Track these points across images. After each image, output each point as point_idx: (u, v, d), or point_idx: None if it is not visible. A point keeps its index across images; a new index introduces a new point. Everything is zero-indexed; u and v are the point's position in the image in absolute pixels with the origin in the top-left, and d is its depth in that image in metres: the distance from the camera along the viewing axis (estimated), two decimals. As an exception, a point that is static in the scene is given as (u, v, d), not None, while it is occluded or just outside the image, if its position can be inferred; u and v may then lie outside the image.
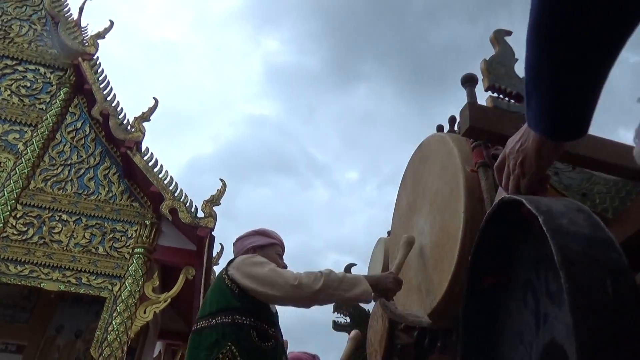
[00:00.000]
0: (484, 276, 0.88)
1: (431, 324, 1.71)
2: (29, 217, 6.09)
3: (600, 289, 0.53)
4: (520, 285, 0.81)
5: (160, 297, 6.00)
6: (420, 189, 1.97)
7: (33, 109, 6.84)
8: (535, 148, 0.71)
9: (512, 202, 0.73)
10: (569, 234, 0.58)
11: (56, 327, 6.77)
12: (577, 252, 0.56)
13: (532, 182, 0.75)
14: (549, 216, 0.60)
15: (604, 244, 0.57)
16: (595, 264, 0.55)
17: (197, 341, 1.71)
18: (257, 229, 2.13)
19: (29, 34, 7.46)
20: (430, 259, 1.78)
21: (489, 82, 1.41)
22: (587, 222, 0.60)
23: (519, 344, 0.80)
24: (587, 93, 0.61)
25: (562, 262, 0.55)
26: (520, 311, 0.80)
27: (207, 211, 6.32)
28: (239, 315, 1.69)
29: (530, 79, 0.65)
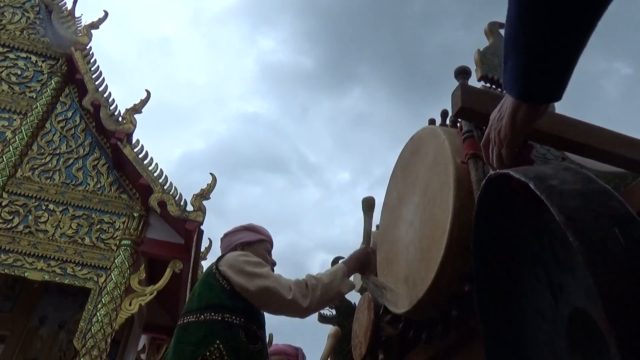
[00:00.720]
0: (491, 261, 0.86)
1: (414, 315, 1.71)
2: (15, 206, 6.02)
3: (612, 239, 0.51)
4: (527, 262, 0.79)
5: (146, 290, 5.95)
6: (411, 181, 1.97)
7: (23, 97, 6.76)
8: (511, 112, 0.71)
9: (499, 177, 0.73)
10: (563, 192, 0.56)
11: (39, 317, 6.68)
12: (577, 208, 0.54)
13: (512, 151, 0.75)
14: (539, 180, 0.59)
15: (600, 195, 0.56)
16: (599, 215, 0.53)
17: (183, 336, 1.67)
18: (245, 224, 2.10)
19: (21, 21, 7.37)
20: (418, 250, 1.78)
21: (482, 72, 1.41)
22: (577, 177, 0.59)
23: (542, 321, 0.77)
24: (564, 55, 0.61)
25: (566, 222, 0.52)
26: (534, 288, 0.78)
27: (197, 205, 6.29)
28: (229, 314, 1.65)
29: (508, 39, 0.64)
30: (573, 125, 0.99)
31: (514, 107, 0.70)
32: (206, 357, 1.56)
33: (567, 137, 0.96)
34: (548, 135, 0.97)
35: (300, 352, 2.65)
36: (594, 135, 0.99)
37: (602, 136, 1.00)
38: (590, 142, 0.98)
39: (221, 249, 2.05)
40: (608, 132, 1.02)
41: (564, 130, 0.96)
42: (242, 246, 1.97)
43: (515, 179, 0.66)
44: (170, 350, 1.72)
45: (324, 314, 2.68)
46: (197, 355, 1.57)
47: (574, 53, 0.60)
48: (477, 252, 0.83)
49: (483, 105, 0.98)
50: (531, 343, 0.79)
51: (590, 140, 0.98)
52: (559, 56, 0.61)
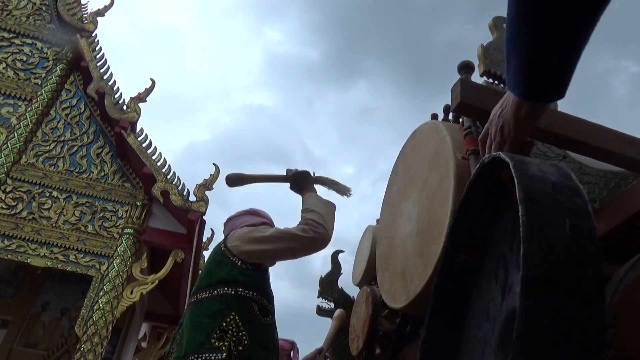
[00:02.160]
0: (460, 252, 0.86)
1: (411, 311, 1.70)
2: (19, 192, 6.04)
3: (558, 226, 0.52)
4: (494, 262, 0.79)
5: (148, 279, 5.98)
6: (411, 175, 1.96)
7: (28, 84, 6.76)
8: (514, 111, 0.70)
9: (492, 160, 0.71)
10: (536, 177, 0.58)
11: (42, 303, 6.74)
12: (540, 193, 0.55)
13: (514, 149, 0.74)
14: (520, 163, 0.59)
15: (569, 190, 0.57)
16: (558, 205, 0.54)
17: (197, 310, 1.70)
18: (247, 209, 2.15)
19: (27, 7, 7.35)
20: (417, 245, 1.77)
21: (485, 67, 1.39)
22: (558, 172, 0.60)
23: (484, 321, 0.78)
24: (566, 54, 0.60)
25: (522, 198, 0.54)
26: (490, 287, 0.78)
27: (199, 195, 6.29)
28: (241, 289, 1.70)
29: (511, 37, 0.63)
30: (574, 123, 0.97)
31: (517, 105, 0.70)
32: (223, 328, 1.61)
33: (567, 135, 0.95)
34: (549, 133, 0.96)
35: (295, 346, 2.66)
36: (594, 133, 0.97)
37: (603, 135, 0.98)
38: (591, 140, 0.96)
39: (224, 232, 2.07)
40: (609, 131, 1.01)
41: (565, 128, 0.95)
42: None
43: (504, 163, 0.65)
44: (186, 326, 1.72)
45: (322, 307, 2.69)
46: (214, 326, 1.61)
47: (576, 51, 0.59)
48: (451, 240, 0.83)
49: (482, 101, 0.97)
50: (468, 340, 0.80)
51: (591, 139, 0.96)
52: (560, 55, 0.60)
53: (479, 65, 1.47)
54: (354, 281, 2.60)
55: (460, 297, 0.86)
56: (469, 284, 0.85)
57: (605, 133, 0.98)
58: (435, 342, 0.85)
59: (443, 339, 0.85)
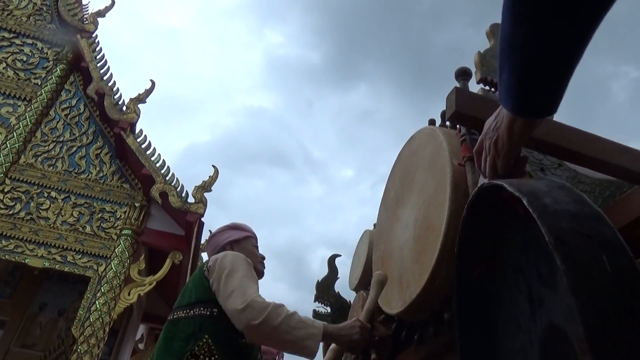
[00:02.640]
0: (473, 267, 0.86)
1: (407, 316, 1.70)
2: (17, 192, 6.04)
3: (598, 265, 0.51)
4: (510, 272, 0.79)
5: (146, 280, 5.97)
6: (408, 181, 1.96)
7: (28, 84, 6.77)
8: (507, 126, 0.70)
9: (491, 187, 0.72)
10: (555, 212, 0.56)
11: (39, 304, 6.74)
12: (567, 231, 0.53)
13: (508, 163, 0.74)
14: (533, 197, 0.58)
15: (592, 219, 0.56)
16: (588, 240, 0.53)
17: (172, 331, 1.65)
18: (229, 224, 2.11)
19: (28, 7, 7.37)
20: (413, 251, 1.77)
21: (482, 74, 1.39)
22: (571, 198, 0.59)
23: (517, 331, 0.78)
24: (558, 71, 0.60)
25: (555, 244, 0.52)
26: (513, 298, 0.78)
27: (198, 197, 6.29)
28: (217, 308, 1.64)
29: (503, 51, 0.63)
30: (568, 133, 0.97)
31: (511, 120, 0.70)
32: (195, 352, 1.55)
33: (562, 145, 0.95)
34: (544, 142, 0.96)
35: (281, 352, 2.65)
36: (589, 144, 0.97)
37: (598, 145, 0.98)
38: (585, 150, 0.96)
39: (208, 249, 2.04)
40: (604, 141, 1.01)
41: (560, 138, 0.95)
42: (231, 245, 1.97)
43: (508, 192, 0.65)
44: (158, 346, 1.68)
45: (319, 311, 2.68)
46: (185, 350, 1.56)
47: (568, 68, 0.59)
48: (461, 257, 0.83)
49: (477, 110, 0.97)
50: (504, 350, 0.80)
51: (585, 149, 0.96)
52: (552, 72, 0.60)
53: (476, 72, 1.47)
54: (351, 286, 2.60)
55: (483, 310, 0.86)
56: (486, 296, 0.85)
57: (600, 143, 0.98)
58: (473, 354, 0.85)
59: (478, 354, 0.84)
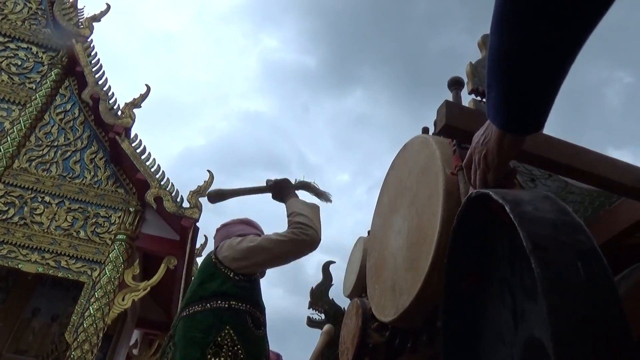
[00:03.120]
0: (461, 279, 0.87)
1: (400, 324, 1.71)
2: (11, 197, 6.01)
3: (573, 271, 0.52)
4: (497, 284, 0.80)
5: (140, 286, 5.94)
6: (401, 189, 1.97)
7: (22, 88, 6.75)
8: (497, 141, 0.72)
9: (479, 197, 0.73)
10: (535, 219, 0.58)
11: (32, 309, 6.68)
12: (545, 237, 0.55)
13: (498, 176, 0.76)
14: (515, 204, 0.60)
15: (570, 227, 0.57)
16: (565, 247, 0.54)
17: (190, 324, 1.68)
18: (241, 218, 2.15)
19: (23, 11, 7.35)
20: (406, 259, 1.78)
21: (473, 85, 1.41)
22: (553, 207, 0.60)
23: (500, 344, 0.78)
24: (544, 89, 0.61)
25: (532, 249, 0.54)
26: (498, 310, 0.79)
27: (193, 202, 6.28)
28: (235, 302, 1.69)
29: (491, 70, 0.65)
30: (557, 146, 0.99)
31: (500, 136, 0.71)
32: (218, 343, 1.60)
33: (551, 158, 0.96)
34: (533, 155, 0.97)
35: (280, 358, 2.66)
36: (576, 156, 0.99)
37: (585, 158, 1.00)
38: (574, 163, 0.98)
39: (216, 240, 2.06)
40: (591, 154, 1.02)
41: (548, 151, 0.97)
42: None
43: (494, 200, 0.66)
44: (179, 341, 1.69)
45: (313, 318, 2.68)
46: (208, 341, 1.60)
47: (554, 86, 0.61)
48: (450, 268, 0.84)
49: (467, 124, 0.98)
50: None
51: (574, 162, 0.98)
52: (539, 89, 0.62)
53: (468, 83, 1.49)
54: (345, 292, 2.60)
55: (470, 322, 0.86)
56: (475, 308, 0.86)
57: (588, 155, 1.00)
58: None
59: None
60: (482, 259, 0.81)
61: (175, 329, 1.76)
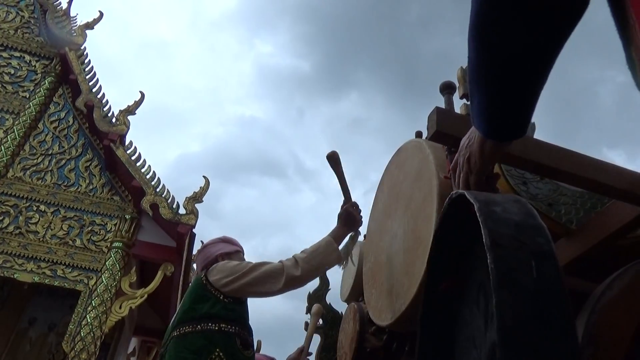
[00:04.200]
0: (441, 280, 0.88)
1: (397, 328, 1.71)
2: (5, 206, 5.98)
3: (525, 270, 0.54)
4: (474, 288, 0.81)
5: (137, 293, 5.92)
6: (396, 193, 1.98)
7: (16, 97, 6.73)
8: (479, 146, 0.74)
9: (459, 197, 0.74)
10: (500, 219, 0.60)
11: (29, 319, 6.64)
12: (505, 236, 0.57)
13: (480, 179, 0.77)
14: (484, 204, 0.61)
15: (532, 229, 0.59)
16: (523, 247, 0.56)
17: (181, 345, 1.74)
18: (221, 237, 2.23)
19: (15, 20, 7.34)
20: (402, 263, 1.79)
21: (464, 90, 1.42)
22: (521, 210, 0.62)
23: (472, 347, 0.80)
24: (523, 96, 0.63)
25: (490, 245, 0.56)
26: (473, 315, 0.80)
27: (189, 208, 6.27)
28: (225, 324, 1.76)
29: (472, 80, 0.66)
30: (546, 149, 1.00)
31: (481, 141, 0.73)
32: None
33: (540, 162, 0.98)
34: (522, 159, 0.98)
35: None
36: (566, 159, 1.00)
37: (574, 161, 1.01)
38: (563, 166, 0.99)
39: (198, 260, 2.12)
40: (580, 157, 1.04)
41: (537, 154, 0.98)
42: (222, 257, 2.05)
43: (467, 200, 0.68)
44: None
45: (310, 322, 2.69)
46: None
47: (534, 93, 0.62)
48: (431, 269, 0.85)
49: (458, 130, 1.00)
50: None
51: (563, 165, 0.99)
52: (518, 97, 0.63)
53: (459, 87, 1.50)
54: (342, 297, 2.61)
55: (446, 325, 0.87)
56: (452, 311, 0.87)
57: (577, 158, 1.01)
58: None
59: None
60: (462, 262, 0.82)
61: (166, 349, 1.81)
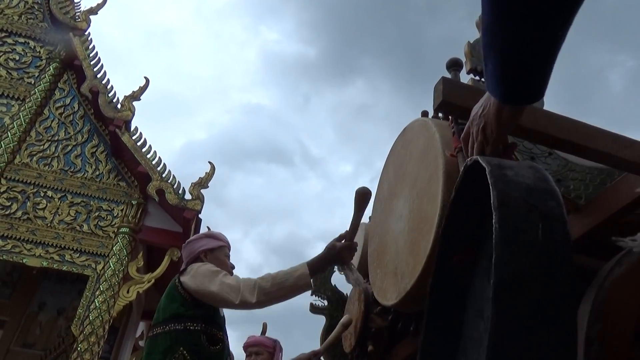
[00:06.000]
0: (453, 253, 0.86)
1: (402, 308, 1.71)
2: (13, 192, 6.02)
3: (531, 231, 0.52)
4: (486, 261, 0.79)
5: (144, 278, 5.98)
6: (401, 173, 1.96)
7: (21, 83, 6.73)
8: (495, 112, 0.70)
9: (474, 163, 0.72)
10: (511, 182, 0.58)
11: (38, 303, 6.73)
12: (515, 198, 0.55)
13: (496, 149, 0.74)
14: (497, 168, 0.59)
15: (544, 193, 0.57)
16: (532, 209, 0.54)
17: (152, 346, 1.87)
18: (206, 232, 2.30)
19: (19, 6, 7.31)
20: (407, 242, 1.78)
21: (471, 64, 1.40)
22: (534, 175, 0.59)
23: (480, 320, 0.78)
24: (543, 55, 0.60)
25: (497, 206, 0.54)
26: (484, 287, 0.79)
27: (195, 194, 6.29)
28: (190, 322, 1.85)
29: (487, 41, 0.63)
30: (557, 121, 0.98)
31: (498, 107, 0.70)
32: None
33: (549, 133, 0.95)
34: (532, 131, 0.96)
35: (278, 344, 2.68)
36: (577, 131, 0.98)
37: (586, 132, 0.98)
38: (574, 138, 0.96)
39: (183, 256, 2.17)
40: (592, 128, 1.01)
41: (548, 126, 0.95)
42: (205, 253, 2.09)
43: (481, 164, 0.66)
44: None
45: (316, 304, 2.69)
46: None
47: (552, 52, 0.60)
48: (444, 240, 0.84)
49: (465, 100, 0.97)
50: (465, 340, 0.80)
51: (574, 137, 0.96)
52: (537, 57, 0.60)
53: (466, 62, 1.47)
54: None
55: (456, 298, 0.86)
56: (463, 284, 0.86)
57: (589, 130, 0.99)
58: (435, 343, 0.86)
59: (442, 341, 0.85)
60: (476, 234, 0.80)
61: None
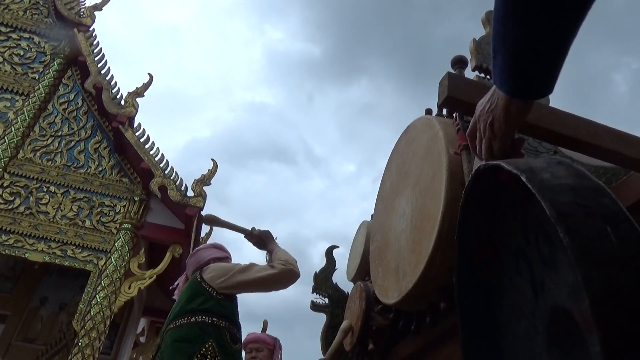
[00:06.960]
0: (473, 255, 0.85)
1: (403, 306, 1.69)
2: (16, 187, 6.04)
3: (604, 238, 0.48)
4: (511, 257, 0.77)
5: (146, 274, 5.98)
6: (404, 171, 1.95)
7: (25, 78, 6.74)
8: (504, 107, 0.69)
9: (489, 168, 0.70)
10: (554, 187, 0.54)
11: (40, 298, 6.76)
12: (568, 204, 0.51)
13: (505, 144, 0.73)
14: (531, 173, 0.56)
15: (592, 191, 0.53)
16: (591, 213, 0.50)
17: (177, 335, 1.89)
18: (213, 243, 2.42)
19: (24, 1, 7.33)
20: (409, 241, 1.77)
21: (477, 62, 1.38)
22: (569, 172, 0.57)
23: (521, 316, 0.76)
24: (554, 49, 0.59)
25: (557, 218, 0.50)
26: (515, 283, 0.76)
27: (197, 190, 6.29)
28: (217, 318, 1.92)
29: (497, 33, 0.62)
30: (563, 118, 0.96)
31: (507, 101, 0.69)
32: (203, 352, 1.81)
33: (555, 130, 0.94)
34: (538, 128, 0.95)
35: (278, 343, 2.68)
36: (583, 128, 0.96)
37: (592, 129, 0.97)
38: (580, 135, 0.95)
39: (190, 263, 2.26)
40: (598, 126, 1.00)
41: (554, 123, 0.94)
42: (215, 261, 2.20)
43: (506, 170, 0.64)
44: (166, 349, 1.89)
45: (317, 302, 2.68)
46: (194, 350, 1.81)
47: (564, 47, 0.58)
48: (462, 244, 0.82)
49: (469, 95, 0.96)
50: (508, 336, 0.78)
51: (580, 134, 0.95)
52: (548, 51, 0.59)
53: (471, 59, 1.46)
54: (348, 277, 2.60)
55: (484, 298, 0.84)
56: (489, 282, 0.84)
57: (594, 128, 0.97)
58: (476, 345, 0.84)
59: (482, 341, 0.83)
60: (493, 233, 0.78)
61: (163, 339, 1.96)
